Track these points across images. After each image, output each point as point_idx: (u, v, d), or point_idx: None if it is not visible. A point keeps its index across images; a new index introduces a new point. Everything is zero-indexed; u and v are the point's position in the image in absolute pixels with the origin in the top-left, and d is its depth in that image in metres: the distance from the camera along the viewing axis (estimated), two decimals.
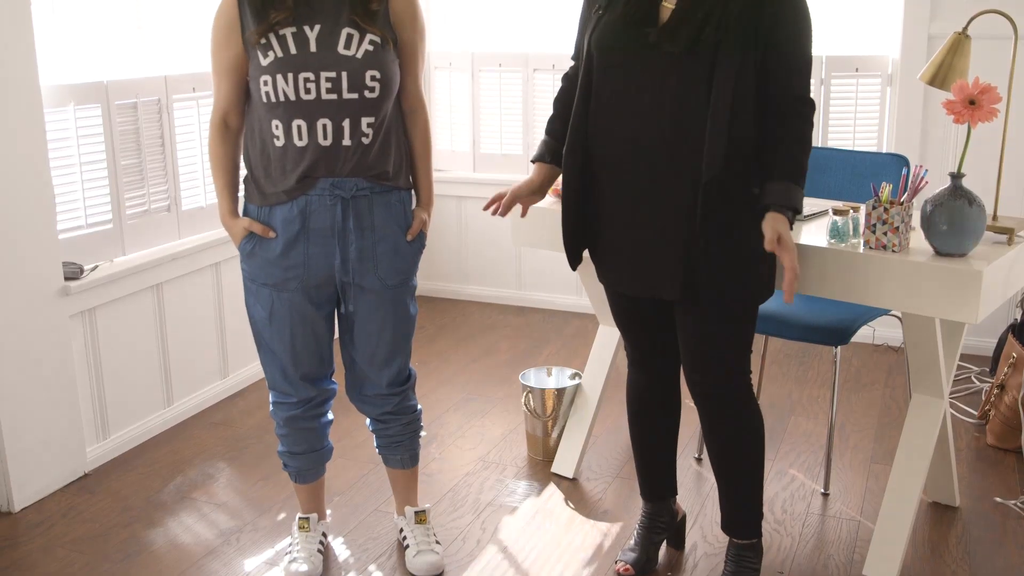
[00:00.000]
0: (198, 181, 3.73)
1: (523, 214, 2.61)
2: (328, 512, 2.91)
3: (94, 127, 3.30)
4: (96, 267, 3.31)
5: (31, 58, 2.96)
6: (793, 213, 2.20)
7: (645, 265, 2.32)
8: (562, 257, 2.46)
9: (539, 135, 4.82)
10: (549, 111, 2.52)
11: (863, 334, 4.27)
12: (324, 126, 2.30)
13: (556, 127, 2.47)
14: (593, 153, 2.32)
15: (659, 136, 2.21)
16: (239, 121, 2.43)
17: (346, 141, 2.32)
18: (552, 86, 4.61)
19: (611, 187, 2.31)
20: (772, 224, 2.18)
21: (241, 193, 2.48)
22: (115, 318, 3.38)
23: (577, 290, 4.82)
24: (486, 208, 2.54)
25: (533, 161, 2.53)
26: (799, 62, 2.21)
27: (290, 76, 2.27)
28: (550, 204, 2.85)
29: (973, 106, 2.32)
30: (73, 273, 3.19)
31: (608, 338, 3.24)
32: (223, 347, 3.88)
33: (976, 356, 4.10)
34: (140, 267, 3.42)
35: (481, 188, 4.89)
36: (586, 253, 2.46)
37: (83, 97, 3.25)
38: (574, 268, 2.47)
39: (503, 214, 2.51)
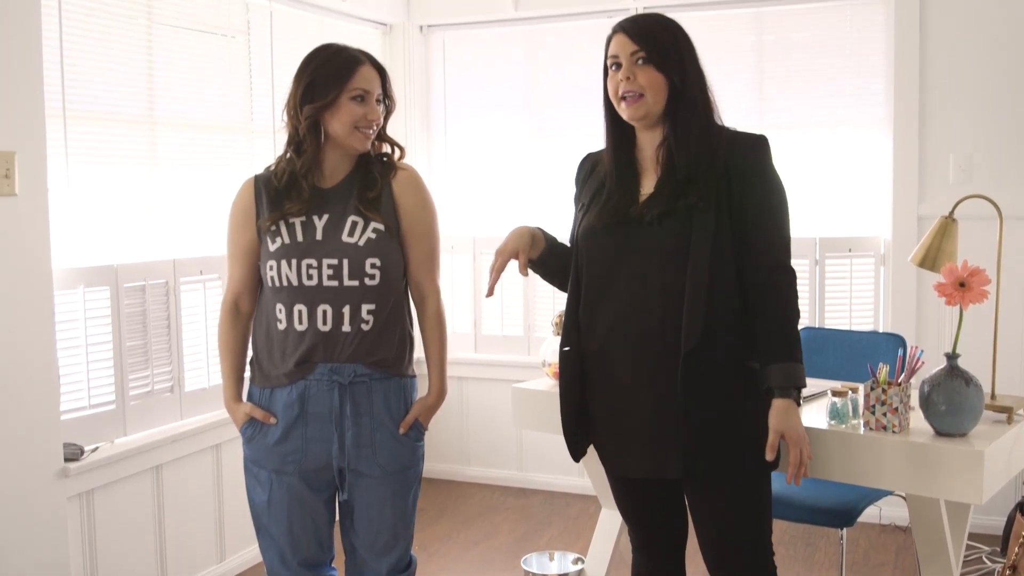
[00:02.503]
0: (202, 362, 3.76)
1: (523, 268, 2.43)
2: None
3: (102, 308, 3.35)
4: (96, 448, 3.30)
5: (45, 243, 3.04)
6: (798, 391, 2.22)
7: (646, 445, 2.30)
8: (563, 438, 2.44)
9: (540, 316, 4.91)
10: (549, 291, 2.53)
11: (870, 513, 4.19)
12: (324, 312, 2.34)
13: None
14: (585, 343, 2.34)
15: (646, 311, 2.24)
16: (250, 305, 2.48)
17: (346, 327, 2.35)
18: None
19: (605, 372, 2.32)
20: (776, 419, 2.19)
21: (247, 374, 2.50)
22: (113, 500, 3.34)
23: (579, 471, 4.76)
24: (489, 295, 2.42)
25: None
26: (776, 232, 2.25)
27: (294, 262, 2.33)
28: (550, 387, 2.87)
29: (963, 288, 2.37)
30: (73, 454, 3.18)
31: (611, 521, 3.19)
32: (221, 530, 3.82)
33: (986, 535, 4.02)
34: (140, 448, 3.41)
35: (482, 369, 4.92)
36: None
37: (93, 279, 3.32)
38: (576, 460, 2.44)
39: (493, 282, 2.39)
